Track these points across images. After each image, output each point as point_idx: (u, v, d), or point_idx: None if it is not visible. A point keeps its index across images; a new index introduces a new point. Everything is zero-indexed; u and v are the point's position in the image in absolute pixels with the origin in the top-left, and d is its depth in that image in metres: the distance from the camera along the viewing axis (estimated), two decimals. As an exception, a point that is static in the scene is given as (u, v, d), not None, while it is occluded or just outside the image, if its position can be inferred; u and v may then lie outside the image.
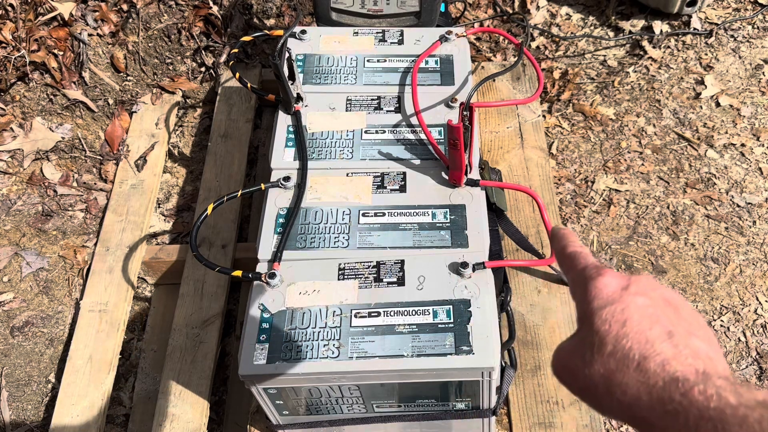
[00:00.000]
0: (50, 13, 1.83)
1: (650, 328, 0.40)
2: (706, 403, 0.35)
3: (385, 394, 1.05)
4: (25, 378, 1.51)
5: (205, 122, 1.91)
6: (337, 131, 1.24)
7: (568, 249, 0.49)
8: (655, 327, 0.40)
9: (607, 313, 0.41)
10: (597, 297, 0.42)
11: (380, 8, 1.50)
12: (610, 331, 0.40)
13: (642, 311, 0.41)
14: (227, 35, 1.96)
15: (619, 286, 0.43)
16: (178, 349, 1.41)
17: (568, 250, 0.49)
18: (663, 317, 0.41)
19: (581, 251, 0.48)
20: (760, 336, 1.52)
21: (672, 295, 0.43)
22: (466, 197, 1.14)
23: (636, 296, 0.42)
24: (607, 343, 0.40)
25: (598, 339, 0.40)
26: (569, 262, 0.48)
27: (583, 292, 0.44)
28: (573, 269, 0.47)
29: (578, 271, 0.46)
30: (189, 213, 1.74)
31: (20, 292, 1.62)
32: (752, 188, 1.74)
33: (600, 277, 0.43)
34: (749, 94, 1.92)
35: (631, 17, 2.10)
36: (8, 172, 1.79)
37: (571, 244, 0.49)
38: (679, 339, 0.39)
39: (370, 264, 1.06)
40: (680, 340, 0.39)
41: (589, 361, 0.40)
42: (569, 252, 0.49)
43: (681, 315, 0.42)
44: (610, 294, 0.42)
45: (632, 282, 0.43)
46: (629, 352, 0.39)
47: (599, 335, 0.40)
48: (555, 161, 1.81)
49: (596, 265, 0.46)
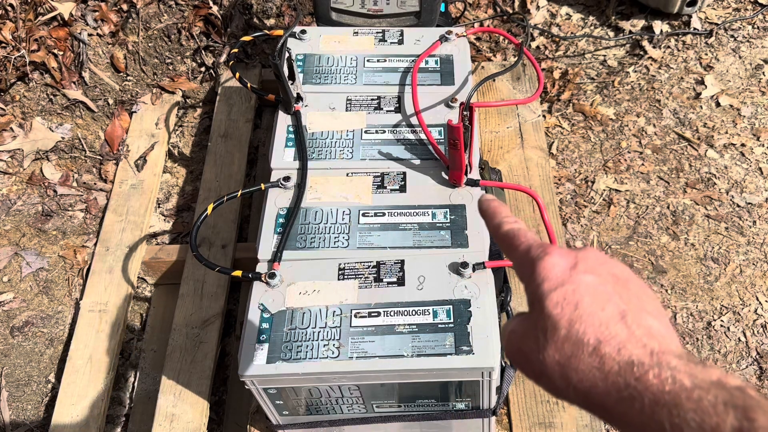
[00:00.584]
0: (50, 13, 1.83)
1: (603, 309, 0.39)
2: (660, 387, 0.34)
3: (385, 394, 1.05)
4: (25, 378, 1.51)
5: (205, 122, 1.91)
6: (337, 131, 1.24)
7: (504, 227, 0.47)
8: (607, 307, 0.39)
9: (558, 296, 0.40)
10: (546, 278, 0.41)
11: (380, 8, 1.50)
12: (563, 315, 0.39)
13: (593, 291, 0.40)
14: (227, 35, 1.96)
15: (568, 265, 0.41)
16: (178, 349, 1.41)
17: (503, 228, 0.47)
18: (614, 295, 0.40)
19: (519, 228, 0.46)
20: (760, 336, 1.52)
21: (620, 270, 0.42)
22: (466, 197, 1.14)
23: (585, 274, 0.40)
24: (560, 327, 0.39)
25: (551, 323, 0.39)
26: (509, 242, 0.46)
27: (531, 274, 0.42)
28: (515, 249, 0.45)
29: (521, 252, 0.44)
30: (189, 213, 1.74)
31: (20, 292, 1.62)
32: (752, 188, 1.74)
33: (547, 257, 0.42)
34: (749, 94, 1.92)
35: (631, 17, 2.10)
36: (8, 172, 1.79)
37: (505, 221, 0.47)
38: (633, 318, 0.38)
39: (370, 264, 1.06)
40: (633, 320, 0.38)
41: (543, 345, 0.39)
42: (506, 231, 0.46)
43: (631, 290, 0.41)
44: (559, 275, 0.41)
45: (579, 259, 0.42)
46: (583, 336, 0.38)
47: (552, 319, 0.39)
48: (555, 161, 1.81)
49: (539, 243, 0.44)
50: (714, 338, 1.52)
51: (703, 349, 1.51)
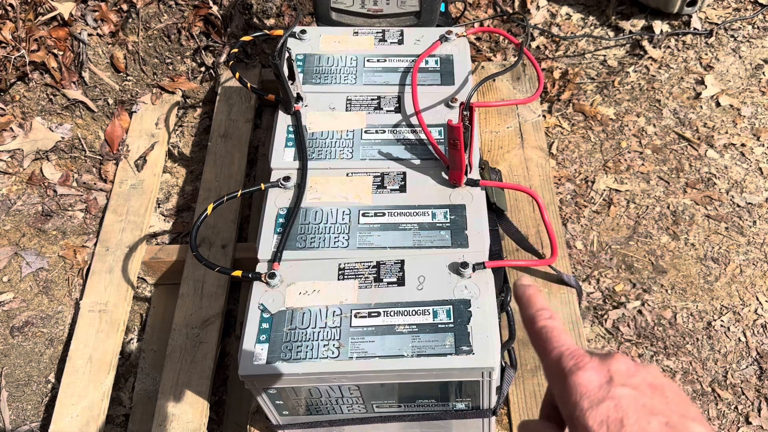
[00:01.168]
0: (50, 13, 1.83)
1: (648, 422, 0.39)
2: None
3: (385, 394, 1.05)
4: (25, 378, 1.51)
5: (205, 122, 1.91)
6: (337, 131, 1.24)
7: (538, 323, 0.46)
8: (652, 421, 0.39)
9: (601, 414, 0.39)
10: (584, 396, 0.41)
11: (380, 8, 1.50)
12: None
13: (634, 405, 0.40)
14: (227, 35, 1.96)
15: (603, 380, 0.41)
16: (178, 349, 1.41)
17: (537, 324, 0.46)
18: (656, 407, 0.40)
19: (552, 328, 0.46)
20: (760, 336, 1.52)
21: (653, 377, 0.43)
22: (466, 197, 1.14)
23: (623, 388, 0.41)
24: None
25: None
26: (541, 343, 0.46)
27: (564, 390, 0.42)
28: (547, 354, 0.45)
29: (553, 359, 0.44)
30: (189, 213, 1.74)
31: (20, 292, 1.62)
32: (752, 188, 1.74)
33: (580, 372, 0.42)
34: (749, 94, 1.92)
35: (631, 17, 2.10)
36: (8, 172, 1.79)
37: (539, 315, 0.47)
38: (679, 429, 0.39)
39: (370, 264, 1.06)
40: (680, 431, 0.39)
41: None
42: (539, 328, 0.46)
43: (669, 398, 0.41)
44: (596, 391, 0.41)
45: (613, 372, 0.42)
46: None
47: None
48: (555, 161, 1.81)
49: (571, 351, 0.44)
50: (714, 338, 1.52)
51: (703, 349, 1.51)
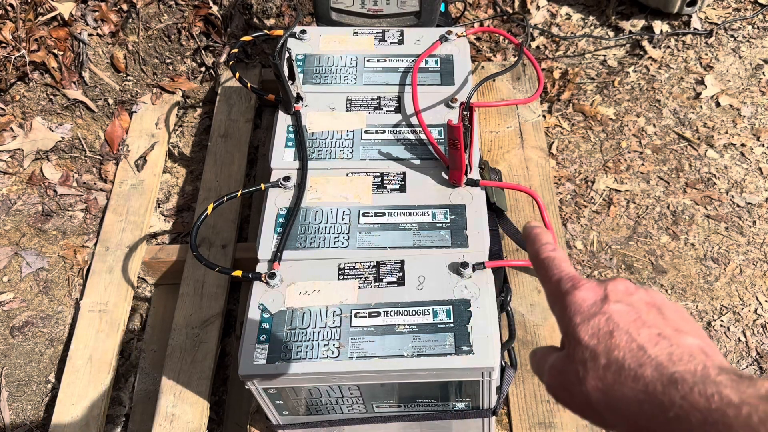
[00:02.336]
0: (50, 13, 1.83)
1: (638, 333, 0.39)
2: (707, 404, 0.34)
3: (385, 394, 1.05)
4: (25, 378, 1.51)
5: (205, 122, 1.91)
6: (337, 131, 1.24)
7: (542, 254, 0.48)
8: (642, 331, 0.39)
9: (592, 327, 0.40)
10: (578, 312, 0.42)
11: (380, 8, 1.50)
12: (600, 344, 0.39)
13: (626, 318, 0.40)
14: (227, 35, 1.96)
15: (598, 297, 0.42)
16: (178, 349, 1.41)
17: (541, 255, 0.48)
18: (648, 320, 0.40)
19: (555, 257, 0.47)
20: (760, 336, 1.52)
21: (651, 296, 0.43)
22: (466, 197, 1.14)
23: (617, 304, 0.41)
24: (599, 357, 0.39)
25: (589, 354, 0.40)
26: (543, 272, 0.47)
27: (562, 308, 0.43)
28: (548, 280, 0.46)
29: (553, 284, 0.45)
30: (189, 213, 1.74)
31: (20, 292, 1.62)
32: (752, 188, 1.74)
33: (576, 291, 0.43)
34: (749, 94, 1.92)
35: (631, 17, 2.10)
36: (8, 172, 1.79)
37: (543, 248, 0.48)
38: (671, 339, 0.39)
39: (370, 264, 1.06)
40: (672, 340, 0.38)
41: (583, 377, 0.40)
42: (542, 258, 0.47)
43: (665, 314, 0.41)
44: (590, 307, 0.42)
45: (609, 291, 0.42)
46: (623, 362, 0.38)
47: (589, 350, 0.40)
48: (555, 161, 1.81)
49: (570, 275, 0.45)
50: (714, 338, 1.52)
51: (703, 349, 1.51)
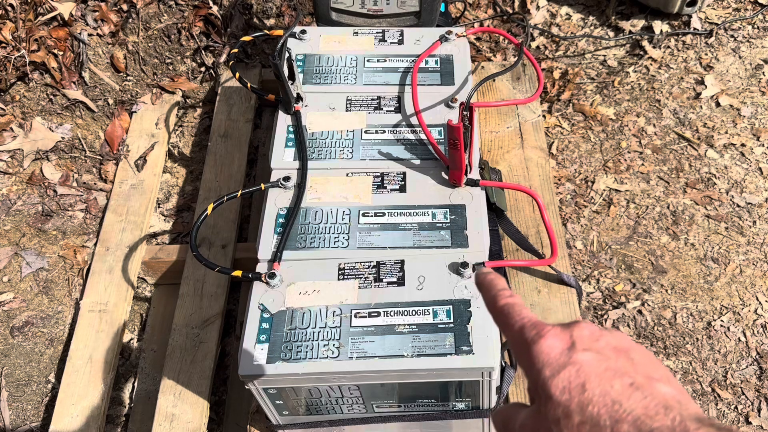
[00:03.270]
0: (50, 13, 1.83)
1: (611, 385, 0.38)
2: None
3: (385, 394, 1.05)
4: (25, 378, 1.51)
5: (205, 122, 1.91)
6: (337, 131, 1.24)
7: (499, 302, 0.46)
8: (615, 383, 0.38)
9: (563, 381, 0.39)
10: (545, 364, 0.40)
11: (380, 8, 1.50)
12: (572, 400, 0.38)
13: (596, 368, 0.39)
14: (227, 35, 1.96)
15: (564, 346, 0.41)
16: (178, 349, 1.41)
17: (499, 303, 0.46)
18: (619, 369, 0.39)
19: (513, 304, 0.45)
20: (760, 336, 1.52)
21: (618, 340, 0.42)
22: (466, 197, 1.14)
23: (585, 353, 0.40)
24: (573, 414, 0.37)
25: (562, 411, 0.38)
26: (503, 319, 0.45)
27: (528, 360, 0.41)
28: (510, 328, 0.44)
29: (516, 332, 0.43)
30: (189, 213, 1.74)
31: (20, 292, 1.62)
32: (752, 188, 1.74)
33: (542, 340, 0.41)
34: (749, 94, 1.92)
35: (631, 17, 2.10)
36: (8, 172, 1.79)
37: (500, 295, 0.46)
38: (644, 389, 0.38)
39: (370, 264, 1.06)
40: (645, 391, 0.37)
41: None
42: (501, 306, 0.45)
43: (634, 359, 0.40)
44: (558, 357, 0.40)
45: (576, 338, 0.41)
46: (599, 418, 0.37)
47: (562, 407, 0.38)
48: (555, 161, 1.81)
49: (533, 322, 0.43)
50: (714, 338, 1.52)
51: (703, 349, 1.51)
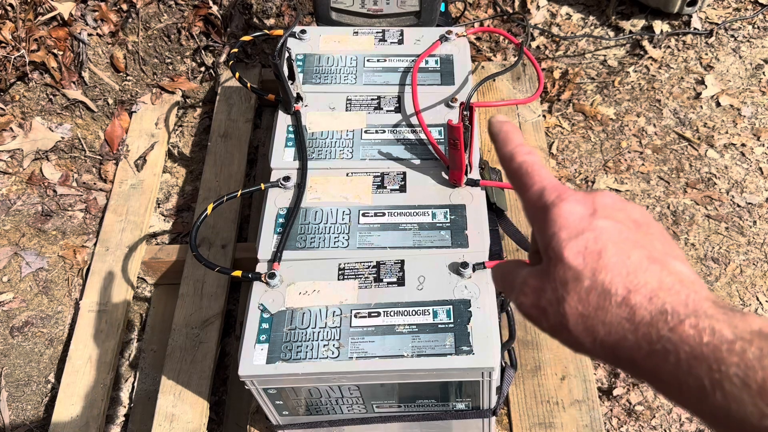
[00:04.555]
0: (50, 13, 1.83)
1: (629, 256, 0.36)
2: (698, 339, 0.31)
3: (385, 395, 1.05)
4: (25, 378, 1.51)
5: (204, 122, 1.91)
6: (337, 131, 1.24)
7: (517, 158, 0.42)
8: (633, 254, 0.36)
9: (579, 245, 0.37)
10: (563, 227, 0.38)
11: (380, 8, 1.50)
12: (586, 264, 0.36)
13: (616, 238, 0.37)
14: (227, 35, 1.96)
15: (586, 212, 0.38)
16: (178, 349, 1.41)
17: (517, 159, 0.42)
18: (638, 241, 0.37)
19: (532, 162, 0.42)
20: (761, 336, 1.52)
21: (640, 214, 0.39)
22: (466, 197, 1.14)
23: (605, 220, 0.38)
24: (584, 278, 0.36)
25: (572, 274, 0.36)
26: (520, 178, 0.42)
27: (544, 220, 0.39)
28: (527, 189, 0.41)
29: (534, 194, 0.40)
30: (189, 213, 1.74)
31: (20, 292, 1.62)
32: (752, 188, 1.74)
33: (562, 203, 0.39)
34: (749, 94, 1.92)
35: (631, 17, 2.10)
36: (8, 172, 1.79)
37: (518, 150, 0.43)
38: (661, 263, 0.36)
39: (370, 264, 1.06)
40: (663, 266, 0.36)
41: (562, 297, 0.37)
42: (519, 163, 0.42)
43: (654, 235, 0.38)
44: (577, 222, 0.38)
45: (598, 205, 0.39)
46: (610, 286, 0.35)
47: (573, 270, 0.36)
48: (555, 161, 1.81)
49: (553, 185, 0.40)
50: (714, 338, 1.52)
51: (704, 349, 1.51)
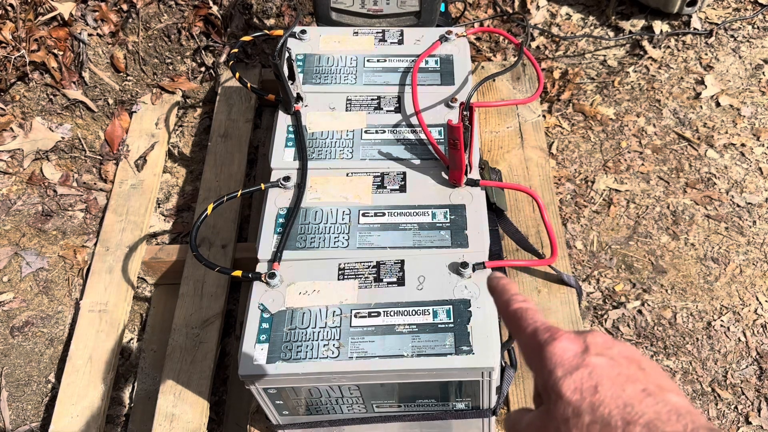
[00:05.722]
0: (50, 13, 1.83)
1: (623, 389, 0.38)
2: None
3: (385, 394, 1.05)
4: (25, 378, 1.51)
5: (205, 122, 1.91)
6: (337, 131, 1.24)
7: (512, 305, 0.46)
8: (627, 387, 0.38)
9: (575, 381, 0.39)
10: (558, 365, 0.40)
11: (380, 8, 1.50)
12: (583, 400, 0.38)
13: (610, 372, 0.39)
14: (227, 35, 1.96)
15: (579, 349, 0.41)
16: (178, 349, 1.41)
17: (512, 306, 0.46)
18: (632, 375, 0.39)
19: (526, 308, 0.45)
20: (760, 336, 1.52)
21: (630, 351, 0.42)
22: (466, 197, 1.14)
23: (598, 357, 0.40)
24: (583, 413, 0.37)
25: (572, 410, 0.38)
26: (516, 322, 0.45)
27: (540, 360, 0.41)
28: (522, 331, 0.44)
29: (528, 335, 0.43)
30: (189, 213, 1.74)
31: (20, 292, 1.62)
32: (752, 188, 1.74)
33: (555, 342, 0.41)
34: (749, 94, 1.92)
35: (631, 17, 2.10)
36: (8, 172, 1.79)
37: (513, 299, 0.46)
38: (656, 396, 0.38)
39: (370, 264, 1.06)
40: (657, 397, 0.37)
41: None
42: (514, 310, 0.46)
43: (646, 371, 0.40)
44: (571, 359, 0.40)
45: (589, 343, 0.41)
46: (610, 419, 0.36)
47: (572, 406, 0.38)
48: (555, 161, 1.81)
49: (546, 326, 0.43)
50: (714, 338, 1.52)
51: (703, 349, 1.51)
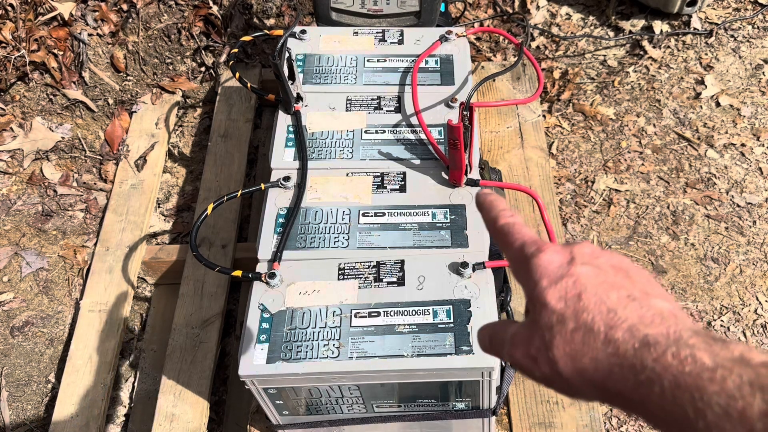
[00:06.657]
0: (50, 13, 1.83)
1: (608, 295, 0.38)
2: (680, 368, 0.32)
3: (385, 394, 1.05)
4: (25, 378, 1.51)
5: (205, 122, 1.91)
6: (337, 131, 1.24)
7: (500, 221, 0.45)
8: (611, 294, 0.38)
9: (560, 290, 0.38)
10: (544, 275, 0.40)
11: (380, 8, 1.50)
12: (568, 307, 0.38)
13: (594, 280, 0.39)
14: (227, 35, 1.96)
15: (564, 260, 0.40)
16: (178, 349, 1.41)
17: (499, 222, 0.45)
18: (617, 283, 0.39)
19: (514, 223, 0.45)
20: (760, 336, 1.52)
21: (618, 260, 0.41)
22: (466, 197, 1.14)
23: (584, 266, 0.40)
24: (567, 320, 0.37)
25: (556, 318, 0.38)
26: (503, 238, 0.45)
27: (527, 272, 0.41)
28: (509, 246, 0.44)
29: (516, 249, 0.43)
30: (189, 213, 1.74)
31: (20, 292, 1.62)
32: (752, 188, 1.74)
33: (541, 254, 0.41)
34: (749, 94, 1.92)
35: (631, 17, 2.10)
36: (8, 172, 1.79)
37: (501, 215, 0.46)
38: (641, 301, 0.37)
39: (370, 264, 1.06)
40: (642, 303, 0.37)
41: (550, 342, 0.38)
42: (501, 225, 0.45)
43: (633, 278, 0.40)
44: (556, 269, 0.40)
45: (576, 254, 0.41)
46: (593, 324, 0.36)
47: (556, 313, 0.38)
48: (555, 161, 1.81)
49: (533, 239, 0.43)
50: (714, 338, 1.52)
51: (703, 349, 1.51)
